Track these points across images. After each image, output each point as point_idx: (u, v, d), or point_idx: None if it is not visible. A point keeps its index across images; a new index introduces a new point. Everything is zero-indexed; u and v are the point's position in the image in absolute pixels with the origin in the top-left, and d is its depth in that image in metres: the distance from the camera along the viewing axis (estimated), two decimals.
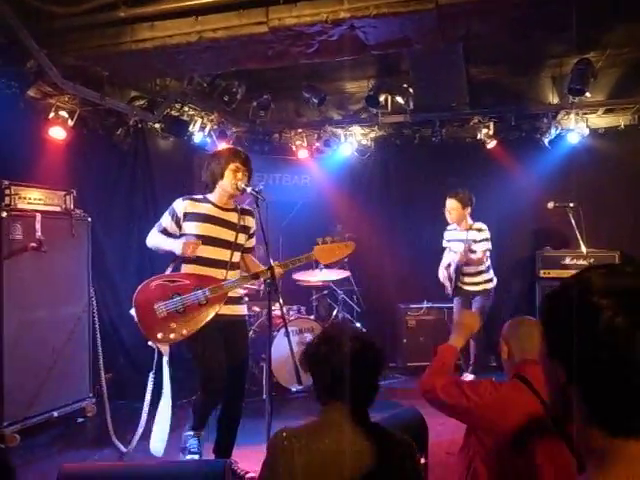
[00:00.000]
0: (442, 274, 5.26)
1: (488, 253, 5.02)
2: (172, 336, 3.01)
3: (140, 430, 3.54)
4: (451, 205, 5.01)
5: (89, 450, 3.86)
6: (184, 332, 3.00)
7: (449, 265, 5.15)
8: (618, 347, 0.75)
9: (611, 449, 0.78)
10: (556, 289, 0.86)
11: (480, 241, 4.97)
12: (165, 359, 3.11)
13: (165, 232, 3.20)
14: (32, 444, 3.90)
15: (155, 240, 3.24)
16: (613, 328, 0.75)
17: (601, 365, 0.76)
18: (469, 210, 5.02)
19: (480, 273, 5.10)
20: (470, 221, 5.06)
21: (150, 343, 3.09)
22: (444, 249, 5.27)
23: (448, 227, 5.24)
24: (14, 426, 3.85)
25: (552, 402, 0.87)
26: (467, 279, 5.14)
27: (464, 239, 4.98)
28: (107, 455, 3.66)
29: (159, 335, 3.01)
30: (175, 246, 3.11)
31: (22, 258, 3.97)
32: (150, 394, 3.34)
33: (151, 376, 3.25)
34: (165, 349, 3.11)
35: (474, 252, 4.99)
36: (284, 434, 1.63)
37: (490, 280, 5.13)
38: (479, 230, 4.99)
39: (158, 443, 3.19)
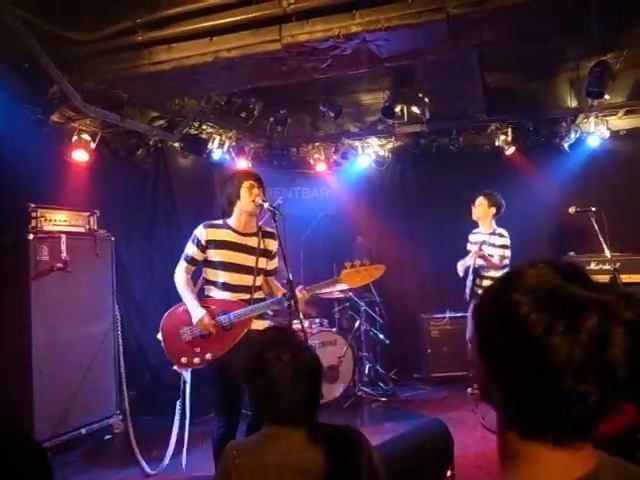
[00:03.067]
0: (460, 268, 5.21)
1: (506, 261, 4.96)
2: (196, 360, 3.03)
3: (169, 454, 3.56)
4: (479, 201, 5.13)
5: (116, 468, 3.91)
6: (208, 356, 3.02)
7: (468, 267, 5.12)
8: (532, 345, 0.72)
9: (523, 452, 0.77)
10: (489, 285, 0.85)
11: (499, 246, 4.97)
12: (186, 386, 3.15)
13: (193, 262, 3.20)
14: (61, 461, 3.96)
15: (181, 287, 3.18)
16: (528, 324, 0.73)
17: (515, 364, 0.74)
18: (494, 211, 5.09)
19: None
20: (494, 225, 5.11)
21: (175, 367, 3.11)
22: (468, 252, 5.20)
23: (473, 230, 5.27)
24: (44, 443, 3.91)
25: (478, 386, 0.86)
26: (486, 282, 5.06)
27: (486, 241, 5.04)
28: (133, 474, 3.70)
29: (183, 359, 3.04)
30: (194, 314, 3.08)
31: (49, 278, 4.07)
32: (179, 420, 3.36)
33: (178, 404, 3.29)
34: (186, 374, 3.14)
35: (491, 256, 4.98)
36: (234, 452, 1.63)
37: None
38: (500, 235, 5.01)
39: None
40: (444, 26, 3.24)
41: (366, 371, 5.83)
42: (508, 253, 4.97)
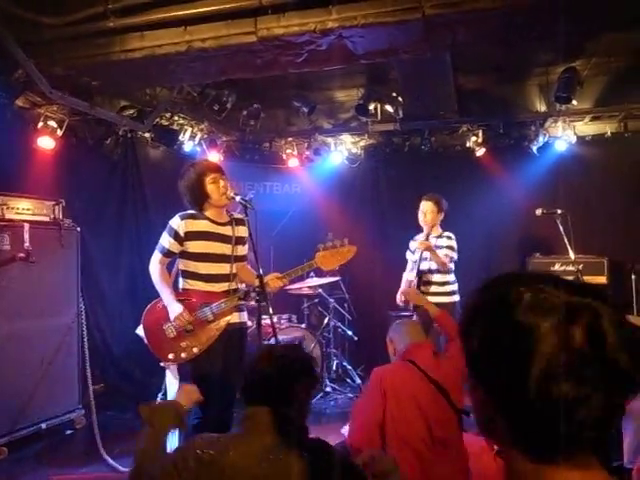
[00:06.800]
0: (404, 285, 4.82)
1: (452, 265, 4.69)
2: (183, 355, 3.02)
3: None
4: (427, 207, 4.72)
5: (78, 463, 3.81)
6: (195, 350, 3.01)
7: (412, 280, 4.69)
8: (530, 355, 0.71)
9: (530, 474, 0.76)
10: (476, 302, 0.81)
11: (445, 247, 4.66)
12: (172, 380, 3.11)
13: (169, 254, 3.13)
14: (20, 457, 3.85)
15: (157, 280, 3.10)
16: (525, 334, 0.71)
17: (516, 378, 0.72)
18: (442, 216, 4.79)
19: (446, 284, 4.70)
20: (440, 230, 4.81)
21: (162, 364, 3.10)
22: (407, 261, 4.92)
23: (415, 237, 4.90)
24: (2, 438, 3.80)
25: (476, 418, 0.82)
26: (433, 288, 4.68)
27: (434, 245, 4.64)
28: (95, 469, 3.63)
29: (170, 356, 3.02)
30: (171, 309, 3.02)
31: (10, 268, 3.93)
32: None
33: (159, 398, 3.25)
34: (173, 369, 3.11)
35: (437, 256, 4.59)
36: (195, 442, 1.62)
37: (455, 292, 4.72)
38: (448, 238, 4.72)
39: None
40: (420, 25, 3.26)
41: (334, 367, 5.85)
42: (454, 255, 4.68)
